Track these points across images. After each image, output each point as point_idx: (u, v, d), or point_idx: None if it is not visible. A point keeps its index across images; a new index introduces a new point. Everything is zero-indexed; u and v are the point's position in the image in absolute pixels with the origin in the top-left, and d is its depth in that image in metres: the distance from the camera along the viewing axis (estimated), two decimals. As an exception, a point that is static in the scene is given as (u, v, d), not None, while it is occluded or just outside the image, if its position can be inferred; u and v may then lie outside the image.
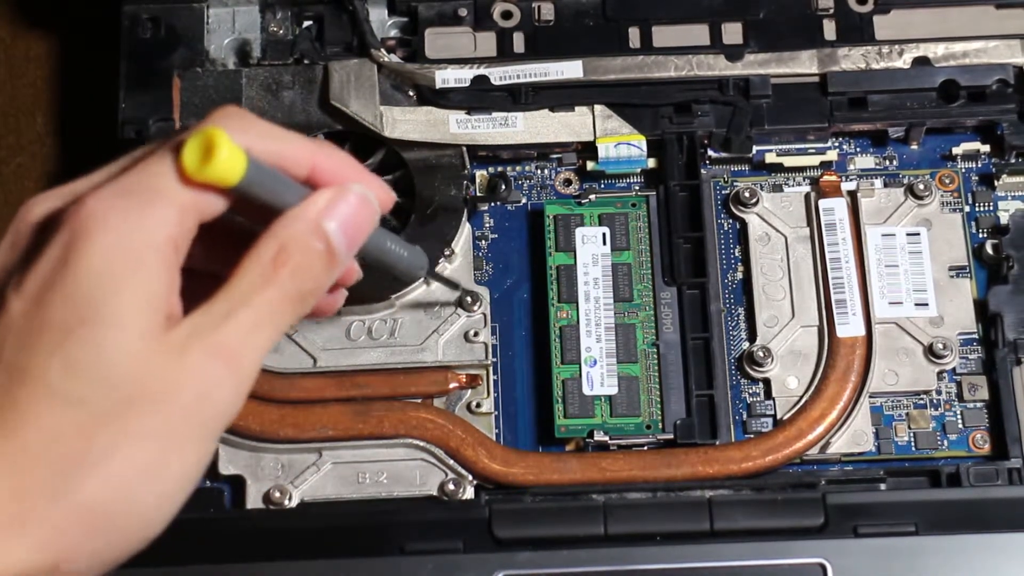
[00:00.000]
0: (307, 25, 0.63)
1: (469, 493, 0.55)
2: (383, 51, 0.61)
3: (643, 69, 0.60)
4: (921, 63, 0.60)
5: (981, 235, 0.59)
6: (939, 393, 0.57)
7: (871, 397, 0.56)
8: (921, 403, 0.57)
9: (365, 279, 0.44)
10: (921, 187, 0.59)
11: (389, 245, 0.44)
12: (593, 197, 0.59)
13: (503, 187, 0.59)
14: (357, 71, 0.60)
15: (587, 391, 0.56)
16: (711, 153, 0.60)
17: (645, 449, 0.56)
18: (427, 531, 0.52)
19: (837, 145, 0.61)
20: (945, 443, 0.56)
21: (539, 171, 0.61)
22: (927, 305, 0.57)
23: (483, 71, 0.60)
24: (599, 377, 0.56)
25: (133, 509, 0.36)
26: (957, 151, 0.60)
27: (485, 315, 0.58)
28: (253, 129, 0.39)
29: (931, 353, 0.57)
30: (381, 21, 0.63)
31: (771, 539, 0.51)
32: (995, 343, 0.56)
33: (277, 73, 0.61)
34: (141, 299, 0.36)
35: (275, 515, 0.54)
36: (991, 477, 0.54)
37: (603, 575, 0.51)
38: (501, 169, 0.61)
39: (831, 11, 0.62)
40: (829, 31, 0.62)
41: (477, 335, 0.57)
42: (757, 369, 0.57)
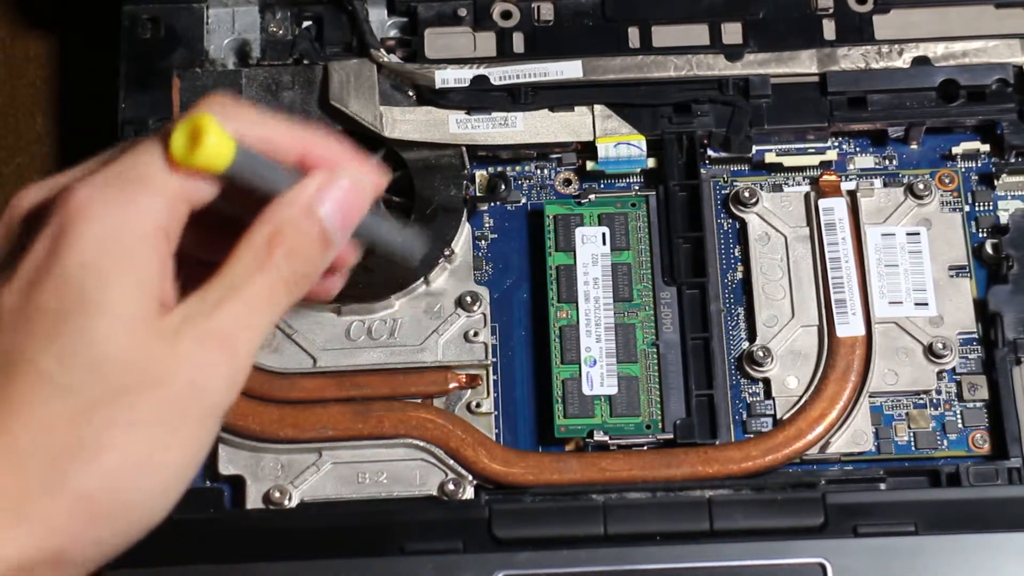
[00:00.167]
0: (307, 25, 0.63)
1: (469, 493, 0.55)
2: (383, 51, 0.61)
3: (643, 69, 0.60)
4: (921, 63, 0.60)
5: (981, 235, 0.59)
6: (939, 393, 0.57)
7: (871, 397, 0.56)
8: (921, 403, 0.57)
9: (368, 278, 0.43)
10: (921, 187, 0.59)
11: (383, 228, 0.43)
12: (593, 197, 0.59)
13: (503, 187, 0.59)
14: (357, 71, 0.60)
15: (587, 391, 0.56)
16: (711, 153, 0.60)
17: (645, 449, 0.56)
18: (427, 531, 0.52)
19: (837, 145, 0.61)
20: (945, 443, 0.57)
21: (539, 171, 0.61)
22: (927, 305, 0.57)
23: (483, 71, 0.60)
24: (599, 377, 0.56)
25: (132, 497, 0.36)
26: (957, 151, 0.60)
27: (485, 315, 0.58)
28: (241, 116, 0.39)
29: (931, 353, 0.57)
30: (381, 21, 0.63)
31: (771, 539, 0.51)
32: (995, 343, 0.56)
33: (277, 73, 0.61)
34: (131, 287, 0.36)
35: (275, 515, 0.54)
36: (991, 477, 0.54)
37: (603, 575, 0.51)
38: (501, 169, 0.61)
39: (831, 11, 0.62)
40: (829, 31, 0.62)
41: (477, 335, 0.57)
42: (757, 369, 0.57)
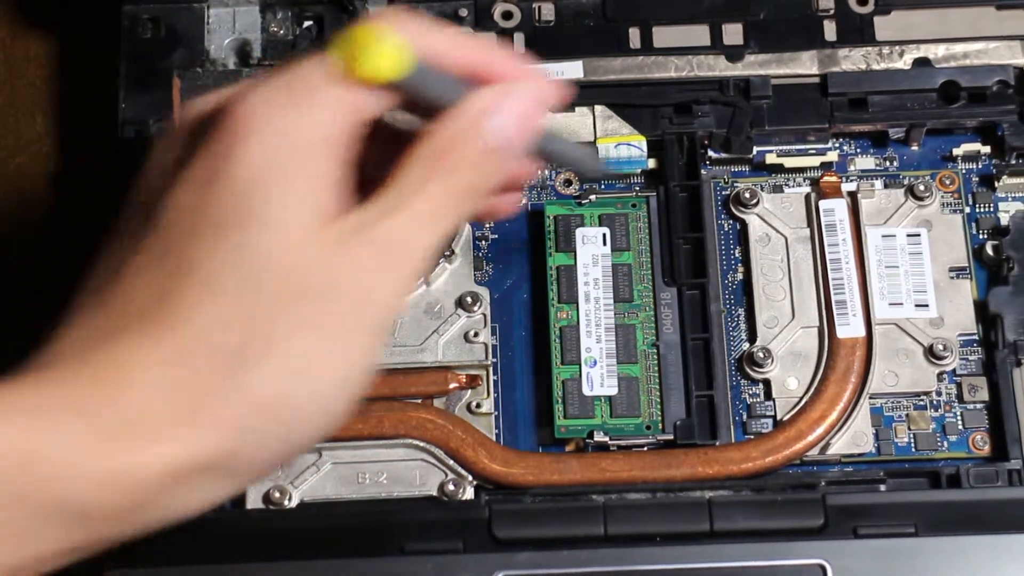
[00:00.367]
0: (307, 25, 0.63)
1: (469, 493, 0.55)
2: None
3: (643, 69, 0.60)
4: (921, 64, 0.60)
5: (981, 236, 0.59)
6: (939, 394, 0.57)
7: (871, 398, 0.56)
8: (921, 404, 0.57)
9: None
10: (921, 188, 0.59)
11: (558, 144, 0.43)
12: (593, 197, 0.59)
13: (503, 187, 0.59)
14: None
15: (587, 391, 0.56)
16: (711, 154, 0.60)
17: (645, 450, 0.56)
18: (427, 531, 0.52)
19: (837, 146, 0.61)
20: (945, 444, 0.56)
21: (539, 171, 0.61)
22: (927, 306, 0.57)
23: (483, 71, 0.60)
24: (599, 377, 0.56)
25: (301, 403, 0.36)
26: (957, 152, 0.60)
27: (485, 315, 0.58)
28: (415, 26, 0.38)
29: (931, 354, 0.57)
30: (381, 21, 0.63)
31: (771, 540, 0.51)
32: (995, 344, 0.56)
33: (277, 73, 0.61)
34: (301, 193, 0.36)
35: (275, 515, 0.54)
36: (991, 478, 0.54)
37: (603, 575, 0.51)
38: (501, 169, 0.61)
39: (831, 12, 0.62)
40: (829, 32, 0.62)
41: (477, 335, 0.57)
42: (757, 370, 0.57)
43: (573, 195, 0.60)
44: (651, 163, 0.60)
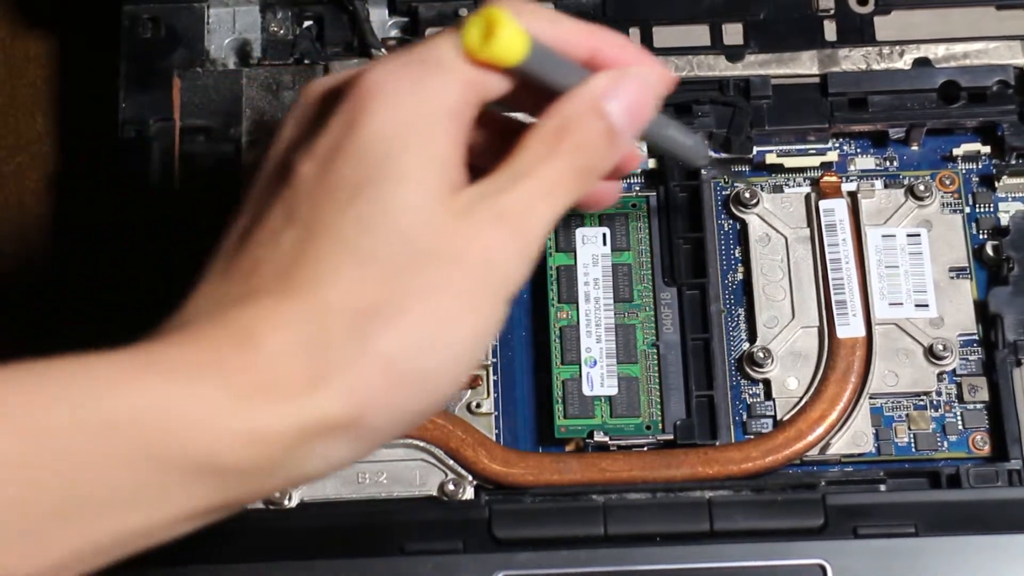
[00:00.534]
0: (307, 25, 0.63)
1: (469, 493, 0.55)
2: (383, 51, 0.61)
3: (643, 70, 0.60)
4: (921, 64, 0.60)
5: (981, 236, 0.59)
6: (939, 394, 0.57)
7: (871, 398, 0.56)
8: (921, 404, 0.57)
9: None
10: (921, 188, 0.59)
11: (670, 131, 0.44)
12: (593, 197, 0.59)
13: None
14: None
15: (587, 391, 0.56)
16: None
17: (645, 450, 0.56)
18: (427, 531, 0.52)
19: (837, 146, 0.61)
20: (945, 444, 0.56)
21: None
22: (927, 306, 0.57)
23: (483, 71, 0.60)
24: (599, 377, 0.56)
25: (429, 366, 0.37)
26: (957, 152, 0.60)
27: (485, 315, 0.58)
28: (534, 12, 0.40)
29: (931, 354, 0.57)
30: (381, 21, 0.63)
31: (771, 540, 0.51)
32: (995, 344, 0.56)
33: (277, 73, 0.61)
34: (428, 160, 0.37)
35: (275, 515, 0.54)
36: (991, 478, 0.54)
37: (603, 575, 0.51)
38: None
39: (831, 12, 0.62)
40: (829, 32, 0.62)
41: (477, 335, 0.57)
42: (757, 370, 0.57)
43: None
44: (651, 163, 0.60)
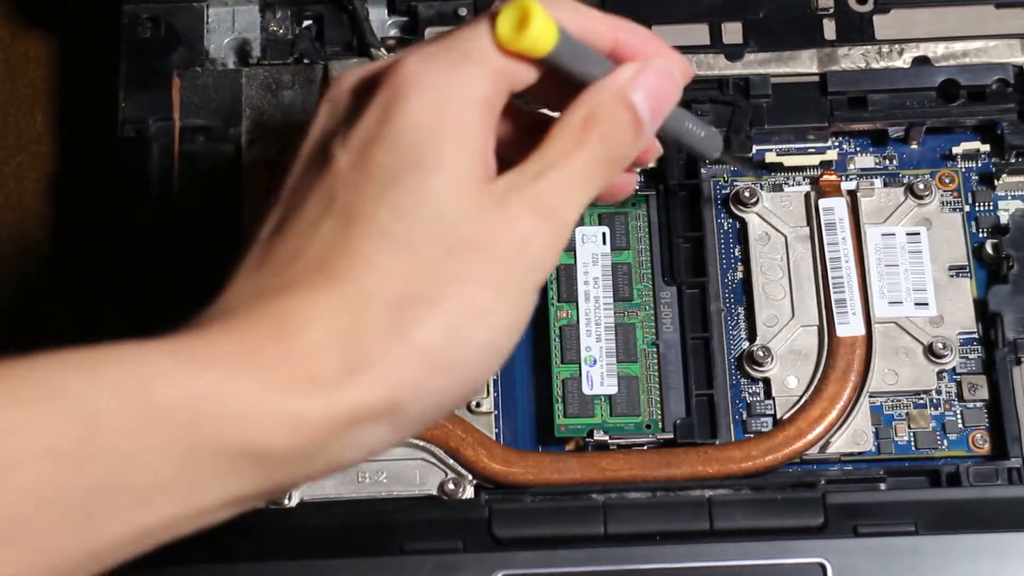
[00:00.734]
0: (307, 25, 0.63)
1: (469, 493, 0.55)
2: (383, 51, 0.61)
3: (643, 69, 0.60)
4: (921, 63, 0.60)
5: (981, 235, 0.59)
6: (939, 393, 0.57)
7: (871, 397, 0.56)
8: (921, 403, 0.57)
9: None
10: (921, 187, 0.59)
11: (687, 123, 0.45)
12: (593, 197, 0.59)
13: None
14: (347, 70, 0.60)
15: (587, 391, 0.56)
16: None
17: (645, 449, 0.56)
18: (427, 531, 0.52)
19: (837, 145, 0.61)
20: (945, 443, 0.56)
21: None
22: (927, 305, 0.57)
23: (483, 71, 0.60)
24: (599, 377, 0.56)
25: (466, 352, 0.37)
26: (957, 151, 0.60)
27: (485, 315, 0.58)
28: (562, 3, 0.40)
29: (931, 353, 0.57)
30: (381, 21, 0.63)
31: (771, 539, 0.51)
32: (995, 343, 0.56)
33: (277, 73, 0.61)
34: (463, 149, 0.38)
35: (275, 515, 0.54)
36: (991, 477, 0.54)
37: (603, 575, 0.51)
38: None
39: (831, 11, 0.62)
40: (829, 31, 0.62)
41: (477, 335, 0.57)
42: (757, 369, 0.57)
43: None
44: (651, 162, 0.60)
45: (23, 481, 0.33)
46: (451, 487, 0.55)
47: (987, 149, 0.60)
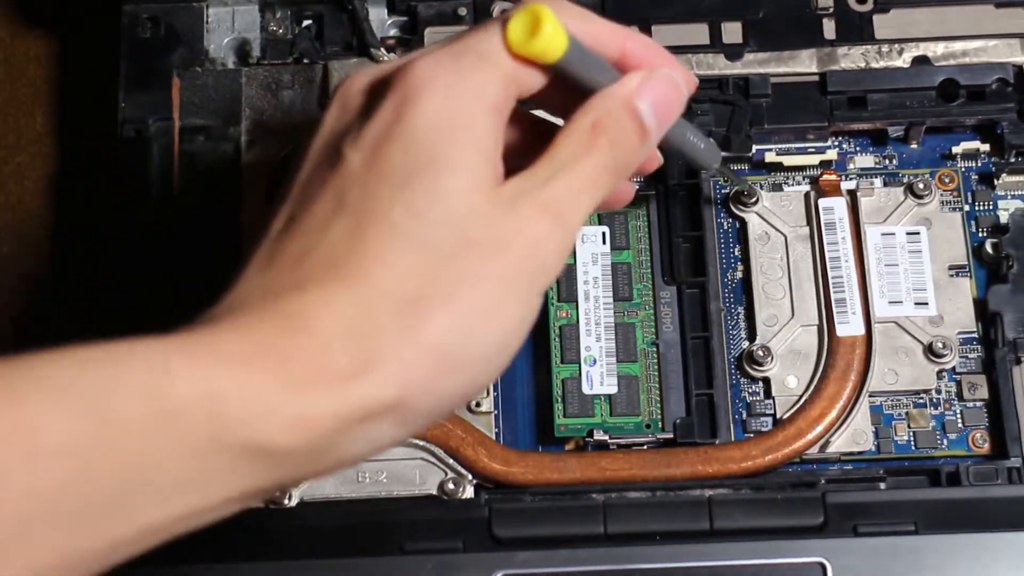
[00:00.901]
0: (307, 24, 0.63)
1: (469, 492, 0.55)
2: (383, 50, 0.61)
3: (643, 68, 0.60)
4: (921, 62, 0.60)
5: (981, 234, 0.59)
6: (939, 392, 0.57)
7: (871, 396, 0.56)
8: (921, 402, 0.57)
9: None
10: (921, 186, 0.59)
11: (688, 134, 0.46)
12: (593, 196, 0.59)
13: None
14: (357, 70, 0.60)
15: (587, 390, 0.56)
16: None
17: (645, 448, 0.56)
18: (427, 530, 0.52)
19: (837, 144, 0.61)
20: (945, 442, 0.56)
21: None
22: (927, 304, 0.57)
23: (483, 70, 0.60)
24: (599, 376, 0.56)
25: (474, 351, 0.38)
26: (957, 150, 0.60)
27: (485, 314, 0.58)
28: (571, 10, 0.41)
29: (931, 352, 0.57)
30: (381, 20, 0.63)
31: (771, 538, 0.51)
32: (995, 342, 0.56)
33: (277, 72, 0.61)
34: (475, 151, 0.38)
35: (275, 515, 0.54)
36: (991, 476, 0.54)
37: (603, 574, 0.51)
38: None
39: (831, 10, 0.62)
40: (829, 30, 0.62)
41: (477, 334, 0.57)
42: (757, 368, 0.57)
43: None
44: (651, 162, 0.60)
45: (36, 478, 0.33)
46: (451, 487, 0.55)
47: (987, 149, 0.60)
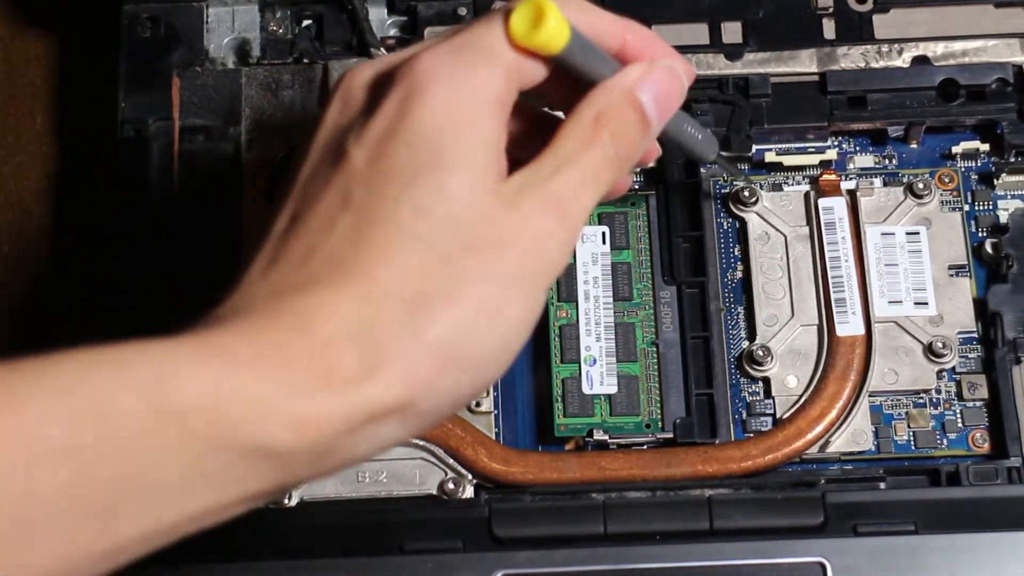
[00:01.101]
0: (307, 24, 0.63)
1: (469, 492, 0.55)
2: (383, 50, 0.61)
3: (642, 68, 0.60)
4: (920, 62, 0.60)
5: (980, 234, 0.59)
6: (938, 392, 0.57)
7: (870, 396, 0.56)
8: (920, 402, 0.57)
9: None
10: (920, 186, 0.59)
11: (686, 125, 0.47)
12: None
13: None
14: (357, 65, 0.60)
15: (587, 390, 0.56)
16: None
17: (644, 448, 0.56)
18: (427, 530, 0.52)
19: (836, 144, 0.61)
20: (944, 442, 0.57)
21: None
22: (927, 304, 0.57)
23: (483, 70, 0.60)
24: (599, 376, 0.56)
25: (479, 350, 0.37)
26: (956, 150, 0.60)
27: (485, 314, 0.58)
28: (572, 2, 0.41)
29: (931, 352, 0.57)
30: (380, 20, 0.63)
31: (771, 538, 0.51)
32: (994, 342, 0.56)
33: (277, 72, 0.61)
34: (479, 147, 0.38)
35: (275, 514, 0.54)
36: (990, 476, 0.54)
37: (603, 574, 0.51)
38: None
39: (830, 10, 0.62)
40: (828, 30, 0.62)
41: (477, 334, 0.57)
42: (757, 368, 0.57)
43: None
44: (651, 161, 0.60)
45: (40, 479, 0.33)
46: (451, 487, 0.55)
47: (986, 148, 0.60)
